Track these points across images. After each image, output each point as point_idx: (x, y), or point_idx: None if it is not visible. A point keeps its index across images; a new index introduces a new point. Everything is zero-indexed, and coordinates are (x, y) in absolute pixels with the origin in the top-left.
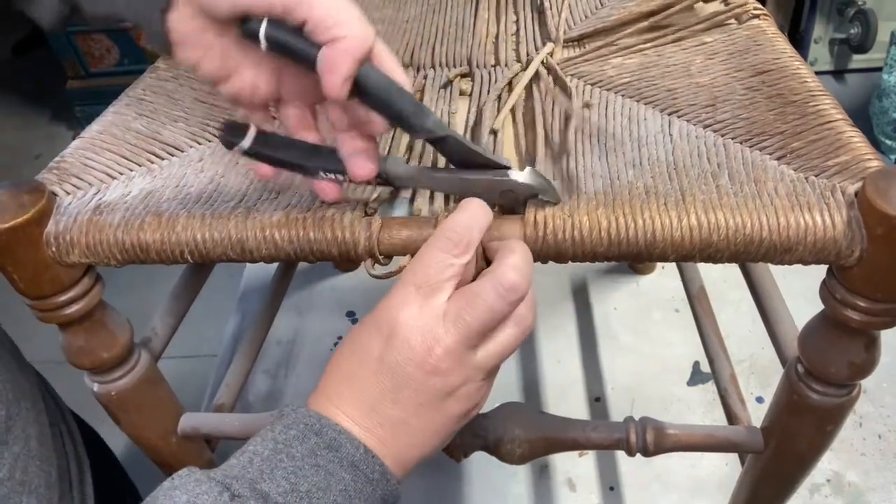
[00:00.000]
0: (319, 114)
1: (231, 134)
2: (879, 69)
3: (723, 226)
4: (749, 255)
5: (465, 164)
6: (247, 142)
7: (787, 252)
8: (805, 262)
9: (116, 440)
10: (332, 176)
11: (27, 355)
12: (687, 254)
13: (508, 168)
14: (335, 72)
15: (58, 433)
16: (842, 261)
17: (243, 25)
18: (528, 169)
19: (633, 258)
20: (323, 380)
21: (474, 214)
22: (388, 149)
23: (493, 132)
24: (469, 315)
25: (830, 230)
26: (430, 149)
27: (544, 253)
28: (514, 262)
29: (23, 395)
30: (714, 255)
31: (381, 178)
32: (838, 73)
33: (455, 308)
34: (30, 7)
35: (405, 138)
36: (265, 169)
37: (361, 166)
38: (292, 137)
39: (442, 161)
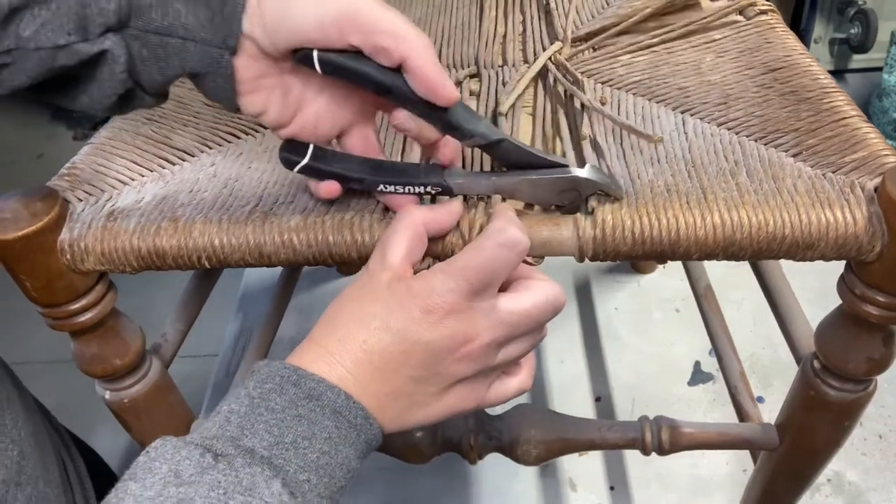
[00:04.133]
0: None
1: (291, 152)
2: (879, 69)
3: (745, 223)
4: (772, 252)
5: (518, 166)
6: (307, 158)
7: (809, 249)
8: (826, 259)
9: (112, 448)
10: (392, 189)
11: (19, 356)
12: (710, 252)
13: (567, 166)
14: (438, 81)
15: (61, 465)
16: (862, 256)
17: (296, 55)
18: (588, 165)
19: (656, 257)
20: (323, 329)
21: (515, 219)
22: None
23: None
24: (522, 321)
25: (852, 226)
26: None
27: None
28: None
29: (33, 433)
30: (737, 252)
31: (441, 188)
32: (838, 73)
33: (509, 309)
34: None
35: None
36: (330, 186)
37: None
38: (349, 153)
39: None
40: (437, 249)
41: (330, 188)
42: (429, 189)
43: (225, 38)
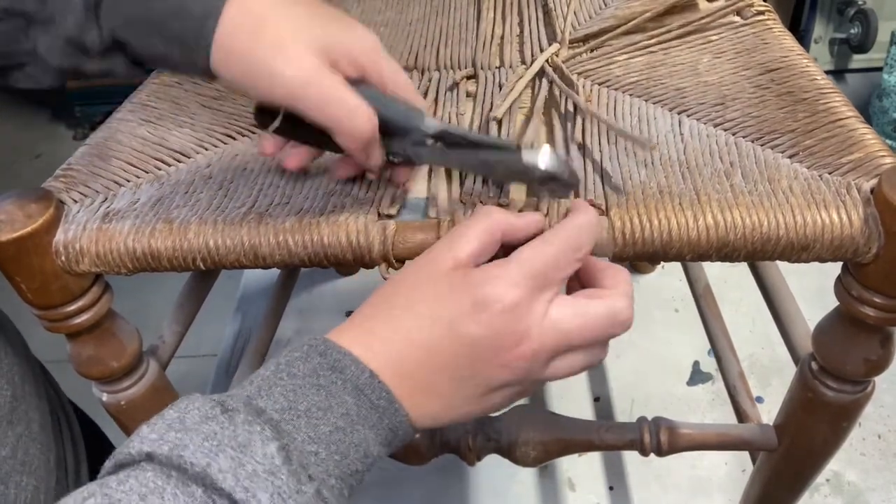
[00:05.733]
0: None
1: (264, 113)
2: (879, 69)
3: (739, 225)
4: (766, 253)
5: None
6: (278, 121)
7: (804, 250)
8: (822, 260)
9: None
10: None
11: None
12: (703, 253)
13: (513, 148)
14: (360, 162)
15: (56, 421)
16: (858, 258)
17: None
18: (545, 148)
19: (647, 258)
20: (371, 308)
21: (593, 220)
22: None
23: (498, 122)
24: (573, 331)
25: (847, 228)
26: None
27: None
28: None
29: (27, 379)
30: (731, 254)
31: (401, 156)
32: (838, 73)
33: (561, 317)
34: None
35: None
36: (268, 145)
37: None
38: None
39: None
40: None
41: (292, 161)
42: (390, 157)
43: (196, 66)
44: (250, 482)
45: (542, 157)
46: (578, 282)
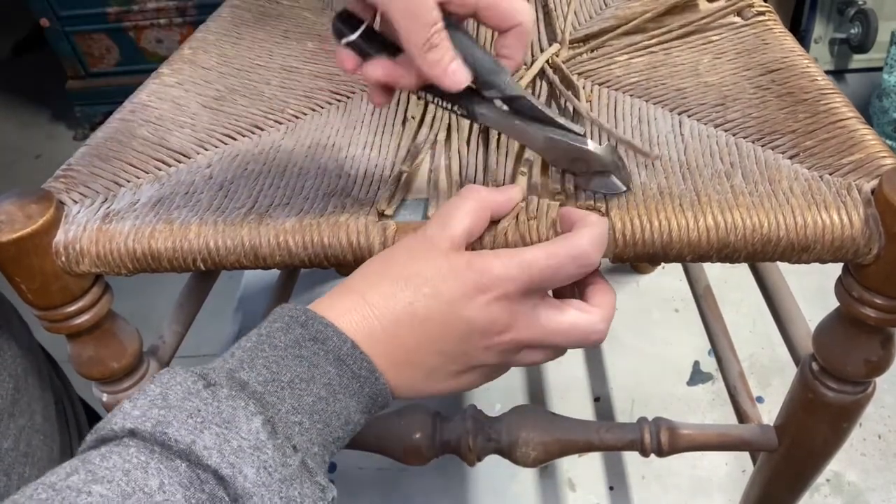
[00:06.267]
0: None
1: (343, 23)
2: (879, 69)
3: (739, 226)
4: (766, 254)
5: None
6: (356, 35)
7: (805, 251)
8: (822, 261)
9: None
10: (421, 94)
11: None
12: (704, 254)
13: (582, 135)
14: (434, 77)
15: (61, 410)
16: (859, 259)
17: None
18: (606, 144)
19: (648, 259)
20: (364, 279)
21: (604, 235)
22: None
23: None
24: (552, 333)
25: (848, 228)
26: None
27: None
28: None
29: (30, 370)
30: (731, 255)
31: (464, 110)
32: (838, 73)
33: (546, 317)
34: None
35: None
36: (348, 60)
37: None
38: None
39: None
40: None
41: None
42: (455, 109)
43: None
44: (236, 458)
45: (607, 151)
46: (572, 287)
